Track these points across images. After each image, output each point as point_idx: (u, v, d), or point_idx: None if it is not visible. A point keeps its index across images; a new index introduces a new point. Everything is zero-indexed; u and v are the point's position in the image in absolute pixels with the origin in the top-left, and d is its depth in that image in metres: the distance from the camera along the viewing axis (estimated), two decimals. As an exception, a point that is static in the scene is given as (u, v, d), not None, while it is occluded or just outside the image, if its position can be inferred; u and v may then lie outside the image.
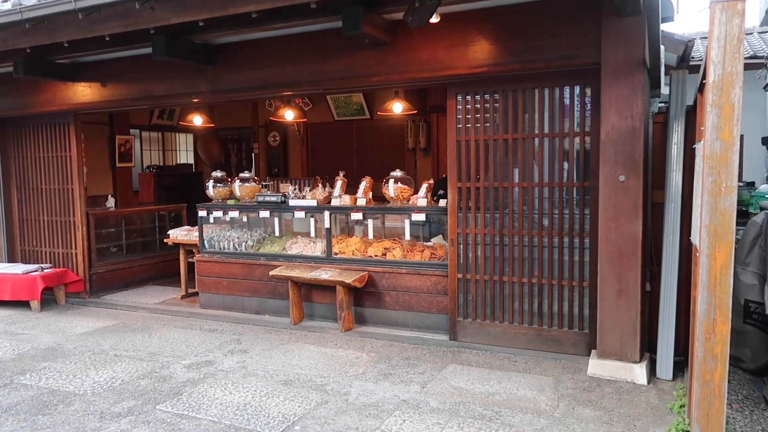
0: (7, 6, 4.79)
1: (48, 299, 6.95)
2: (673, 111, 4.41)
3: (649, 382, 4.22)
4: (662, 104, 5.23)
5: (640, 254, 4.27)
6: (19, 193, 7.62)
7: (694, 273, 3.48)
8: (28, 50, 5.31)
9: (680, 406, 3.73)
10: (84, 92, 6.59)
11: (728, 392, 3.08)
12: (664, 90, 5.78)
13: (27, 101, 6.99)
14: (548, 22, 4.49)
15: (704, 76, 2.76)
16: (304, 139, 10.38)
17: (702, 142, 2.53)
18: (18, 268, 6.83)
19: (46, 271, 6.81)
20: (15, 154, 7.58)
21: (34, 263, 7.29)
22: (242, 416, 3.72)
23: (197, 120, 9.82)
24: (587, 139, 4.65)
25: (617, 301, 4.34)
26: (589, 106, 4.62)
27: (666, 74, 5.47)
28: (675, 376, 4.31)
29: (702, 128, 2.58)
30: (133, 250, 8.18)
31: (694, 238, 3.19)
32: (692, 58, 7.51)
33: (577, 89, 4.66)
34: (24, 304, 6.77)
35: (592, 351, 4.55)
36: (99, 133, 8.91)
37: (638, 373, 4.24)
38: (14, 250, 7.72)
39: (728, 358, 2.30)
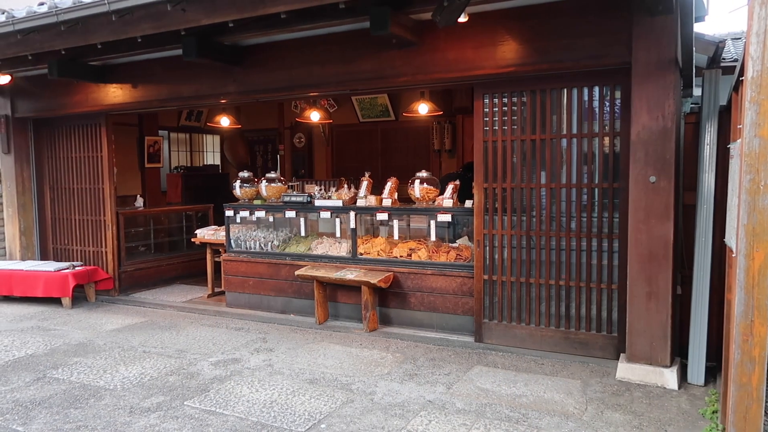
0: (44, 9, 4.91)
1: (79, 296, 7.09)
2: (705, 111, 4.33)
3: (680, 387, 4.14)
4: (694, 105, 5.14)
5: (671, 257, 4.19)
6: (52, 192, 7.79)
7: (729, 276, 3.41)
8: (63, 52, 5.43)
9: (713, 412, 3.65)
10: (115, 93, 6.71)
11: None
12: (696, 91, 5.68)
13: (60, 102, 7.15)
14: (577, 21, 4.45)
15: (741, 74, 2.70)
16: (329, 140, 10.44)
17: (739, 140, 2.48)
18: (50, 266, 6.98)
19: (77, 268, 6.95)
20: (48, 154, 7.76)
21: (65, 261, 7.45)
22: (269, 413, 3.74)
23: (224, 121, 9.94)
24: (616, 139, 4.59)
25: (647, 304, 4.26)
26: (618, 106, 4.56)
27: (696, 75, 5.37)
28: (707, 382, 4.23)
29: (739, 126, 2.53)
30: (161, 250, 8.30)
31: (730, 239, 3.12)
32: (723, 59, 7.35)
33: (606, 89, 4.61)
34: (56, 301, 6.91)
35: (621, 355, 4.47)
36: (128, 134, 9.07)
37: (669, 377, 4.16)
38: (47, 248, 7.90)
39: (766, 360, 2.24)
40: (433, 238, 5.68)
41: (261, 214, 6.53)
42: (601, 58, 4.41)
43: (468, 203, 5.37)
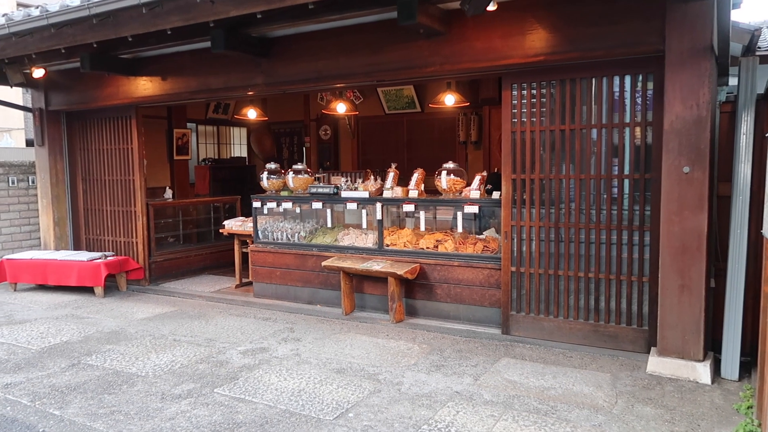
0: (76, 2, 4.99)
1: (110, 286, 7.24)
2: (742, 100, 4.21)
3: (713, 382, 4.06)
4: (729, 94, 5.01)
5: (704, 249, 4.10)
6: (85, 183, 7.96)
7: (765, 268, 3.32)
8: (95, 45, 5.51)
9: (747, 407, 3.58)
10: (145, 86, 6.81)
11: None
12: (731, 80, 5.53)
13: (92, 95, 7.28)
14: (608, 8, 4.36)
15: (782, 59, 2.62)
16: (354, 132, 10.44)
17: (779, 128, 2.40)
18: (83, 256, 7.14)
19: (109, 258, 7.10)
20: (81, 146, 7.92)
21: (97, 251, 7.61)
22: (297, 402, 3.77)
23: (251, 114, 10.00)
24: (648, 129, 4.50)
25: (680, 298, 4.18)
26: (650, 95, 4.47)
27: (731, 64, 5.22)
28: (741, 377, 4.14)
29: (779, 114, 2.45)
30: (189, 240, 8.43)
31: (767, 231, 3.04)
32: (759, 47, 7.14)
33: (638, 78, 4.52)
34: (88, 290, 7.07)
35: (652, 348, 4.40)
36: (158, 127, 9.21)
37: (701, 371, 4.09)
38: (80, 239, 8.08)
39: (807, 354, 2.18)
40: (459, 229, 5.66)
41: (288, 205, 6.58)
42: (633, 46, 4.32)
43: (495, 194, 5.33)
